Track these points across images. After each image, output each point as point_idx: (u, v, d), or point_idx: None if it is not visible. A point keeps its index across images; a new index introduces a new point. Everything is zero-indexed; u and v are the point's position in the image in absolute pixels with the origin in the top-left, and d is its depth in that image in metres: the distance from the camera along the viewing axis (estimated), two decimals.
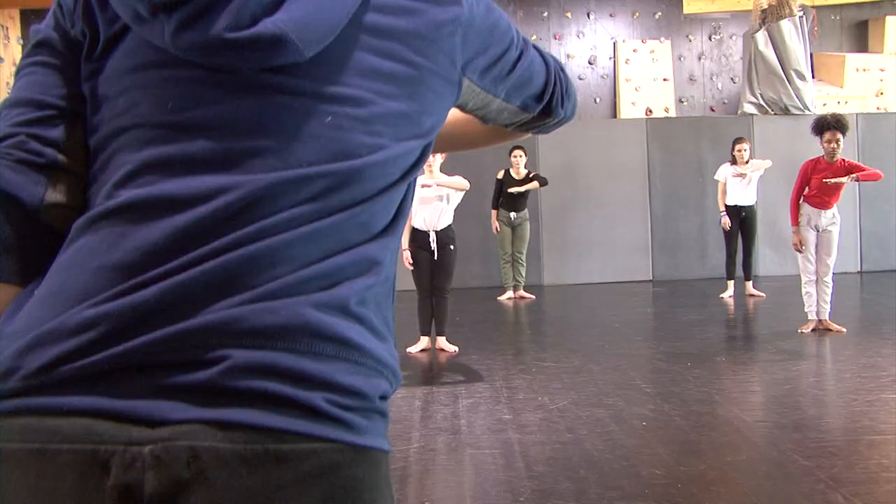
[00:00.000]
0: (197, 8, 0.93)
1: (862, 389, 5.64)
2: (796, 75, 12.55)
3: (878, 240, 12.80)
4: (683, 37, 15.68)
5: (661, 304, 10.47)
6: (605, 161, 12.53)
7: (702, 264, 12.52)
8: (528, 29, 15.23)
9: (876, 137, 12.86)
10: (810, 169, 7.62)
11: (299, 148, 0.99)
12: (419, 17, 1.07)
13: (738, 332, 8.44)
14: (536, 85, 1.30)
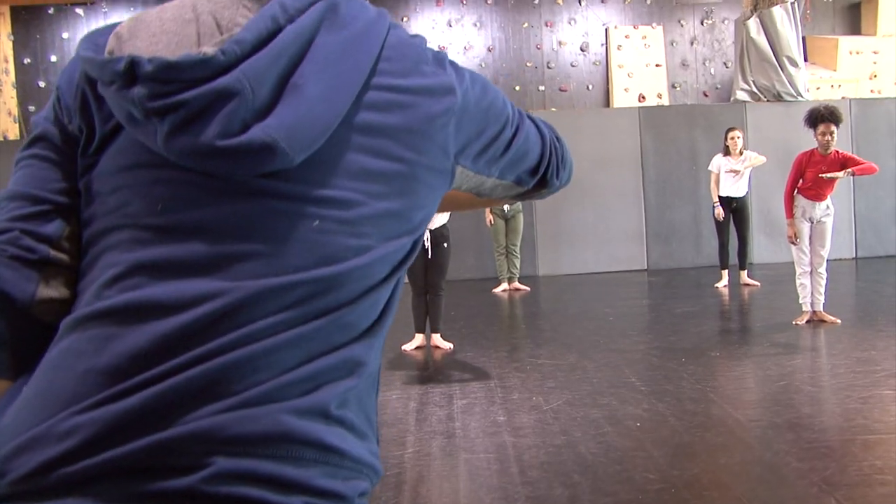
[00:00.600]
0: (189, 114, 0.93)
1: (856, 385, 5.64)
2: (788, 62, 12.53)
3: (873, 226, 12.81)
4: (675, 22, 15.65)
5: (656, 296, 10.47)
6: (598, 150, 12.50)
7: (696, 252, 12.53)
8: (519, 17, 15.20)
9: (869, 123, 12.85)
10: (804, 161, 7.60)
11: (286, 253, 0.99)
12: (412, 112, 1.06)
13: (733, 325, 8.43)
14: (532, 159, 1.29)
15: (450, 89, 1.09)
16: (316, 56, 0.99)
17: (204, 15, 1.03)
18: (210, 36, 1.01)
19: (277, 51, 0.96)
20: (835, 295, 8.41)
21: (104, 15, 14.58)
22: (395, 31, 1.10)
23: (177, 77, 0.93)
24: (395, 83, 1.05)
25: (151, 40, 1.01)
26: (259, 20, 0.98)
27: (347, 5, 1.05)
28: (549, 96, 15.27)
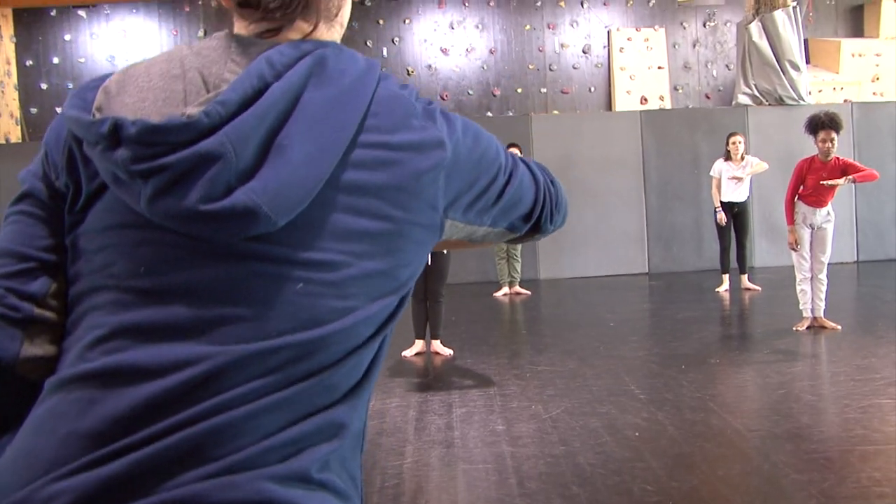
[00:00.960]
0: (173, 176, 0.93)
1: (856, 394, 5.64)
2: (790, 66, 12.52)
3: (875, 229, 12.80)
4: (678, 24, 15.64)
5: (657, 300, 10.47)
6: (599, 153, 12.51)
7: (698, 256, 12.53)
8: (521, 19, 15.20)
9: (871, 126, 12.83)
10: (805, 168, 7.59)
11: (270, 317, 0.99)
12: (399, 169, 1.04)
13: (733, 331, 8.43)
14: (525, 206, 1.28)
15: (439, 143, 1.08)
16: (302, 114, 0.98)
17: (191, 71, 1.03)
18: (196, 94, 1.01)
19: (263, 111, 0.96)
20: (836, 300, 8.41)
21: (106, 17, 14.59)
22: (384, 84, 1.08)
23: (160, 140, 0.93)
24: (383, 140, 1.04)
25: (139, 96, 1.01)
26: (245, 79, 0.97)
27: (336, 58, 1.04)
28: (551, 98, 15.26)
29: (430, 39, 15.11)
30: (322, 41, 1.07)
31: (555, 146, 12.46)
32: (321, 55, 1.03)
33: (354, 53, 1.08)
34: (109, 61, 14.57)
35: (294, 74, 0.99)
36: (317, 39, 1.08)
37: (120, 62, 14.53)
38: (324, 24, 1.11)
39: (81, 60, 14.60)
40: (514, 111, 15.03)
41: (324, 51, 1.04)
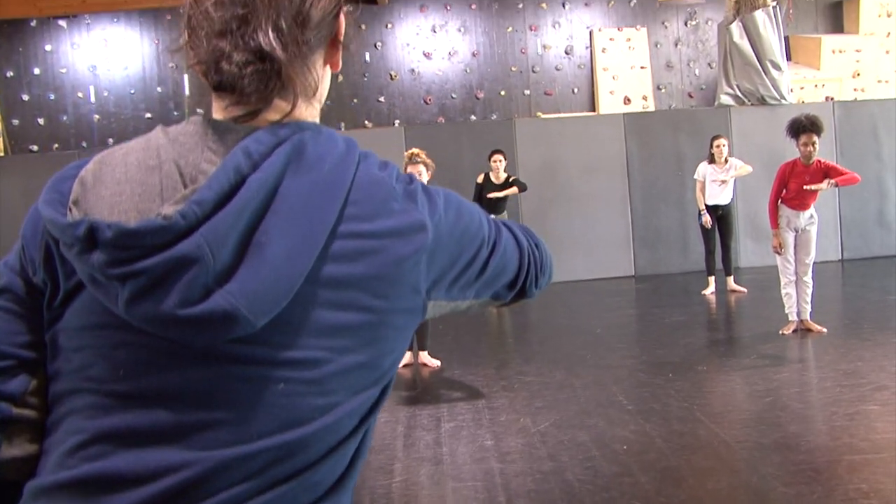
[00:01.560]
0: (149, 281, 0.92)
1: (842, 400, 5.67)
2: (772, 65, 12.56)
3: (859, 227, 12.86)
4: (659, 23, 15.67)
5: (643, 304, 10.49)
6: (583, 157, 12.52)
7: (683, 258, 12.55)
8: (504, 21, 15.20)
9: (853, 125, 12.90)
10: (787, 172, 7.62)
11: (251, 419, 0.98)
12: (380, 257, 1.03)
13: (720, 336, 8.45)
14: (509, 274, 1.26)
15: (420, 227, 1.07)
16: (281, 206, 0.97)
17: (167, 164, 1.02)
18: (173, 188, 1.00)
19: (240, 207, 0.95)
20: (821, 301, 8.44)
21: (87, 27, 14.51)
22: (364, 167, 1.07)
23: (136, 244, 0.92)
24: (362, 229, 1.03)
25: (116, 189, 1.01)
26: (221, 174, 0.96)
27: (314, 143, 1.03)
28: (535, 100, 15.26)
29: (413, 43, 15.10)
30: (300, 123, 1.06)
31: (539, 151, 12.47)
32: (299, 141, 1.02)
33: (333, 134, 1.08)
34: (91, 71, 14.50)
35: (271, 164, 0.98)
36: (295, 120, 1.07)
37: (102, 71, 14.48)
38: (303, 103, 1.10)
39: (63, 70, 14.52)
40: (498, 114, 15.03)
41: (301, 136, 1.03)
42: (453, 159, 12.06)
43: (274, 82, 1.04)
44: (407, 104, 14.97)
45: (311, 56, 1.11)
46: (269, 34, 1.02)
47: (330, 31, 1.14)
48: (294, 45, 1.05)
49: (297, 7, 1.06)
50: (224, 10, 1.03)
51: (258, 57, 1.02)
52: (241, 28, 1.02)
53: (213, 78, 1.03)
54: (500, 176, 10.32)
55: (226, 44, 1.02)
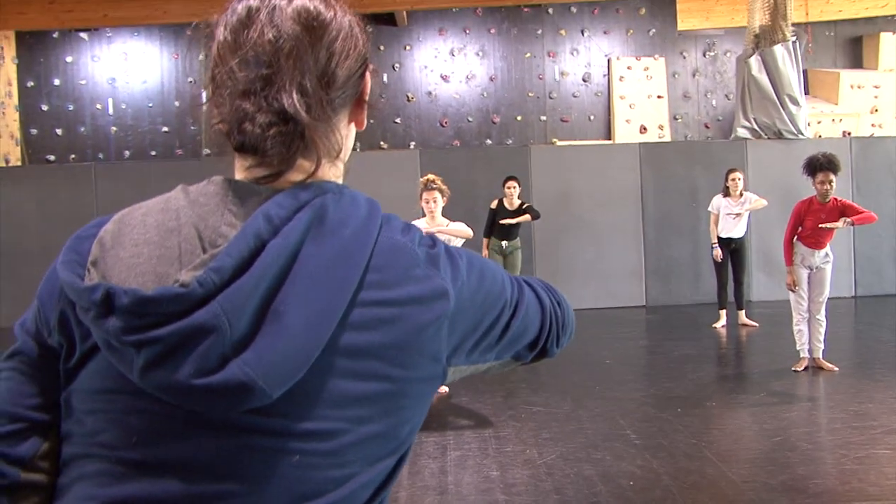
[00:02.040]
0: (165, 349, 0.91)
1: (853, 443, 5.61)
2: (789, 100, 12.54)
3: (873, 264, 12.80)
4: (678, 53, 15.68)
5: (654, 336, 10.44)
6: (598, 187, 12.51)
7: (695, 290, 12.51)
8: (522, 48, 15.24)
9: (870, 162, 12.86)
10: (803, 210, 7.59)
11: (263, 492, 0.96)
12: (400, 326, 1.01)
13: (730, 371, 8.39)
14: (531, 335, 1.24)
15: (442, 294, 1.05)
16: (300, 273, 0.95)
17: (186, 227, 1.01)
18: (191, 253, 0.98)
19: (259, 275, 0.93)
20: (833, 339, 8.39)
21: (108, 40, 14.62)
22: (386, 231, 1.05)
23: (153, 311, 0.91)
24: (383, 297, 1.01)
25: (134, 251, 1.00)
26: (241, 240, 0.95)
27: (336, 207, 1.01)
28: (551, 126, 15.28)
29: (431, 66, 15.14)
30: (323, 185, 1.04)
31: (554, 178, 12.47)
32: (321, 205, 1.00)
33: (356, 196, 1.06)
34: (110, 83, 14.60)
35: (292, 230, 0.97)
36: (318, 181, 1.05)
37: (121, 84, 14.57)
38: (326, 163, 1.08)
39: (83, 82, 14.62)
40: (514, 139, 15.05)
41: (323, 199, 1.01)
42: (468, 184, 12.06)
43: (297, 144, 1.02)
44: (423, 126, 15.01)
45: (335, 116, 1.10)
46: (294, 95, 1.01)
47: (355, 90, 1.13)
48: (318, 106, 1.04)
49: (322, 67, 1.05)
50: (249, 69, 1.02)
51: (282, 118, 1.01)
52: (266, 89, 1.01)
53: (237, 139, 1.02)
54: (514, 202, 10.31)
55: (249, 105, 1.01)
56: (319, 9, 1.07)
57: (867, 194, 12.52)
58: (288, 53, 1.02)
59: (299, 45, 1.03)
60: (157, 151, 14.52)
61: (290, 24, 1.04)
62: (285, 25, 1.03)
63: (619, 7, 15.46)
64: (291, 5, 1.06)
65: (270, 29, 1.03)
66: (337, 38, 1.08)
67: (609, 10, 15.48)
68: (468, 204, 11.56)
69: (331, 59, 1.07)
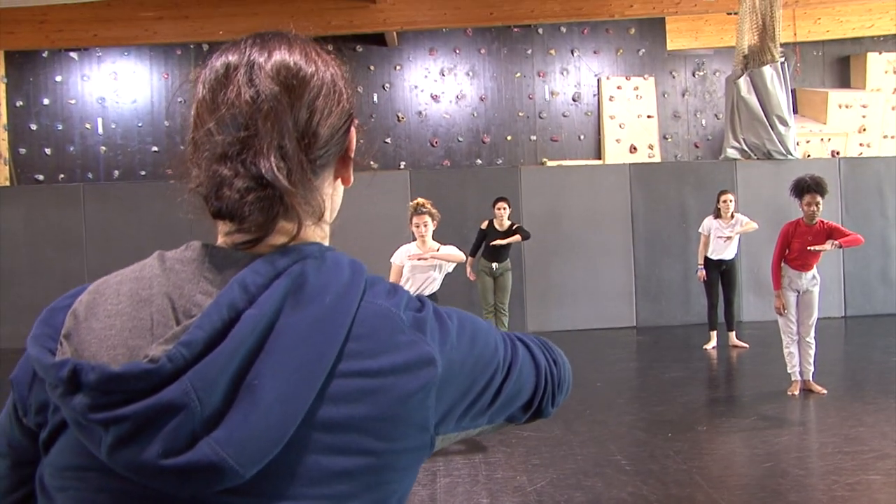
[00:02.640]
0: (133, 428, 0.88)
1: (844, 469, 5.59)
2: (778, 121, 12.58)
3: (862, 285, 12.82)
4: (667, 73, 15.76)
5: (644, 358, 10.42)
6: (588, 207, 12.52)
7: (685, 311, 12.50)
8: (512, 67, 15.28)
9: (858, 182, 12.90)
10: (791, 232, 7.60)
11: None
12: (383, 397, 0.96)
13: (720, 394, 8.37)
14: (525, 396, 1.19)
15: (429, 360, 1.00)
16: (276, 346, 0.91)
17: (159, 297, 0.98)
18: (164, 325, 0.95)
19: (232, 349, 0.90)
20: (823, 360, 8.38)
21: (98, 59, 14.60)
22: (369, 297, 1.01)
23: (120, 388, 0.88)
24: (365, 367, 0.96)
25: (107, 322, 0.96)
26: (214, 311, 0.91)
27: (317, 273, 0.98)
28: (541, 146, 15.31)
29: (421, 86, 15.17)
30: (304, 249, 1.00)
31: (544, 199, 12.47)
32: (300, 272, 0.96)
33: (338, 260, 1.02)
34: (100, 103, 14.57)
35: (268, 299, 0.93)
36: (300, 244, 1.02)
37: (110, 104, 14.55)
38: (311, 224, 1.05)
39: (72, 102, 14.59)
40: (504, 159, 15.07)
41: (303, 265, 0.97)
42: (458, 205, 12.06)
43: (277, 208, 0.99)
44: (413, 146, 15.02)
45: (318, 177, 1.06)
46: (271, 160, 0.97)
47: (340, 147, 1.10)
48: (299, 169, 1.00)
49: (302, 127, 1.02)
50: (226, 132, 0.99)
51: (260, 184, 0.97)
52: (244, 153, 0.98)
53: (214, 205, 0.99)
54: (504, 223, 10.30)
55: (227, 169, 0.98)
56: (300, 64, 1.04)
57: (855, 215, 12.57)
58: (266, 115, 0.99)
59: (278, 106, 0.99)
60: (147, 171, 14.49)
61: (269, 82, 1.00)
62: (263, 85, 1.00)
63: (608, 27, 15.53)
64: (271, 61, 1.02)
65: (248, 89, 1.00)
66: (318, 96, 1.04)
67: (599, 30, 15.54)
68: (458, 225, 11.56)
69: (312, 117, 1.03)
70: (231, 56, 1.04)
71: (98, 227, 12.24)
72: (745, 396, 8.10)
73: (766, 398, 7.68)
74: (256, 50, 1.04)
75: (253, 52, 1.04)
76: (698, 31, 15.49)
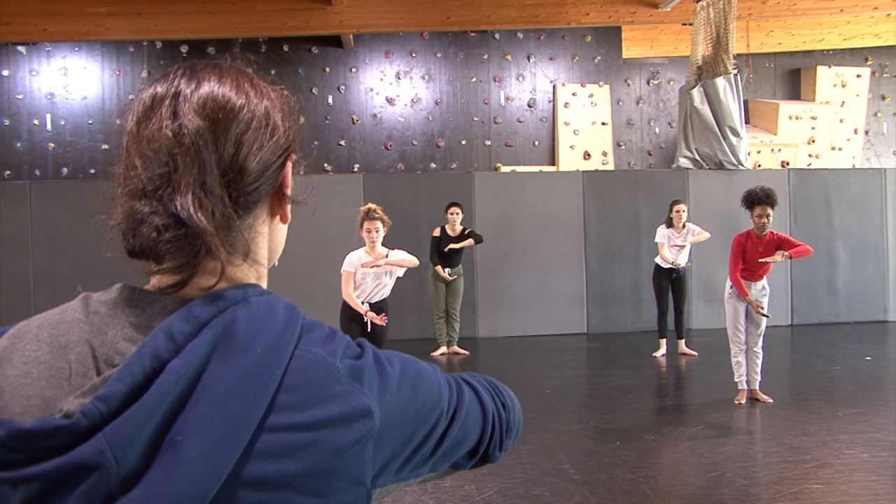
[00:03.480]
0: (44, 487, 0.82)
1: (787, 478, 5.65)
2: (730, 132, 12.73)
3: (809, 294, 13.01)
4: (622, 81, 15.85)
5: (594, 365, 10.47)
6: (541, 213, 12.56)
7: (636, 317, 12.59)
8: (468, 71, 15.28)
9: (807, 193, 13.09)
10: (743, 243, 7.67)
11: None
12: (315, 451, 0.91)
13: (669, 403, 8.43)
14: (470, 443, 1.15)
15: (365, 413, 0.95)
16: (202, 398, 0.86)
17: (80, 344, 0.93)
18: (82, 375, 0.90)
19: (154, 402, 0.85)
20: (770, 368, 8.48)
21: (47, 54, 14.34)
22: (304, 345, 0.95)
23: (30, 445, 0.82)
24: (296, 420, 0.91)
25: (23, 370, 0.91)
26: (136, 362, 0.87)
27: (249, 320, 0.93)
28: (495, 151, 15.32)
29: (377, 89, 15.11)
30: (237, 293, 0.96)
31: (497, 204, 12.48)
32: (230, 319, 0.92)
33: (272, 304, 0.96)
34: (49, 98, 14.32)
35: (195, 348, 0.88)
36: (234, 287, 0.97)
37: (60, 100, 14.30)
38: (241, 263, 1.00)
39: (19, 97, 14.32)
40: (458, 163, 15.06)
41: (234, 312, 0.93)
42: (411, 209, 12.03)
43: (198, 248, 0.94)
44: (367, 149, 14.96)
45: (248, 214, 1.02)
46: (189, 198, 0.92)
47: (273, 183, 1.05)
48: (221, 206, 0.95)
49: (227, 162, 0.97)
50: (149, 166, 0.95)
51: (177, 222, 0.93)
52: (161, 189, 0.93)
53: (130, 242, 0.95)
54: (457, 228, 10.31)
55: (144, 206, 0.94)
56: (229, 96, 1.00)
57: (804, 225, 12.75)
58: (186, 150, 0.94)
59: (199, 141, 0.95)
60: (97, 169, 14.25)
61: (192, 115, 0.96)
62: (186, 118, 0.96)
63: (565, 34, 15.58)
64: (198, 93, 0.98)
65: (171, 122, 0.96)
66: (248, 129, 1.00)
67: (555, 37, 15.60)
68: (411, 229, 11.52)
69: (239, 152, 0.98)
70: (159, 87, 1.00)
71: (45, 227, 12.00)
72: (692, 405, 8.17)
73: (714, 407, 7.75)
74: (185, 81, 1.00)
75: (181, 83, 1.00)
76: (654, 40, 15.62)
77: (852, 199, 13.19)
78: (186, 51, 14.49)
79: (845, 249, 13.12)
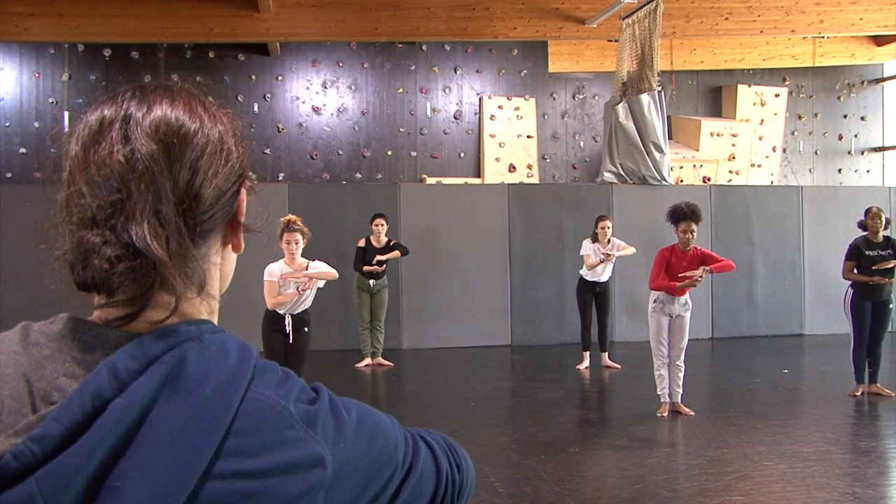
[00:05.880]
0: None
1: (708, 490, 5.70)
2: (654, 147, 12.92)
3: (729, 308, 13.25)
4: (548, 95, 15.98)
5: (518, 377, 10.48)
6: (466, 225, 12.56)
7: (559, 330, 12.65)
8: (395, 82, 15.24)
9: (727, 208, 13.35)
10: (667, 256, 7.74)
11: None
12: (264, 500, 0.85)
13: (592, 415, 8.48)
14: (422, 501, 1.10)
15: (317, 461, 0.90)
16: (145, 441, 0.81)
17: (14, 378, 0.86)
18: (16, 412, 0.83)
19: (92, 444, 0.78)
20: (691, 381, 8.59)
21: None
22: (256, 387, 0.90)
23: None
24: (245, 467, 0.85)
25: None
26: (76, 400, 0.80)
27: (199, 358, 0.87)
28: (421, 162, 15.30)
29: (303, 97, 14.97)
30: (187, 329, 0.90)
31: (422, 216, 12.45)
32: (179, 358, 0.86)
33: (225, 344, 0.91)
34: None
35: (140, 387, 0.82)
36: (184, 323, 0.91)
37: None
38: (194, 297, 0.95)
39: None
40: (384, 173, 15.00)
41: (183, 349, 0.87)
42: (336, 219, 11.94)
43: (152, 280, 0.89)
44: (292, 158, 14.80)
45: (202, 244, 0.97)
46: (144, 226, 0.87)
47: (228, 210, 1.00)
48: (177, 236, 0.90)
49: (183, 190, 0.92)
50: (98, 194, 0.88)
51: (132, 252, 0.87)
52: (114, 218, 0.88)
53: (80, 275, 0.88)
54: (382, 240, 10.25)
55: (95, 236, 0.87)
56: (182, 120, 0.94)
57: (724, 240, 12.99)
58: (140, 176, 0.89)
59: (154, 167, 0.89)
60: (14, 174, 13.82)
61: (146, 140, 0.91)
62: (139, 143, 0.90)
63: (492, 47, 15.65)
64: (150, 117, 0.93)
65: (122, 147, 0.90)
66: (203, 154, 0.94)
67: (482, 50, 15.65)
68: (336, 240, 11.42)
69: (194, 178, 0.93)
70: (107, 110, 0.94)
71: None
72: (616, 417, 8.22)
73: (637, 419, 7.81)
74: (135, 103, 0.94)
75: (131, 106, 0.94)
76: (580, 54, 15.78)
77: (770, 216, 13.49)
78: (109, 55, 14.17)
79: (764, 264, 13.41)
